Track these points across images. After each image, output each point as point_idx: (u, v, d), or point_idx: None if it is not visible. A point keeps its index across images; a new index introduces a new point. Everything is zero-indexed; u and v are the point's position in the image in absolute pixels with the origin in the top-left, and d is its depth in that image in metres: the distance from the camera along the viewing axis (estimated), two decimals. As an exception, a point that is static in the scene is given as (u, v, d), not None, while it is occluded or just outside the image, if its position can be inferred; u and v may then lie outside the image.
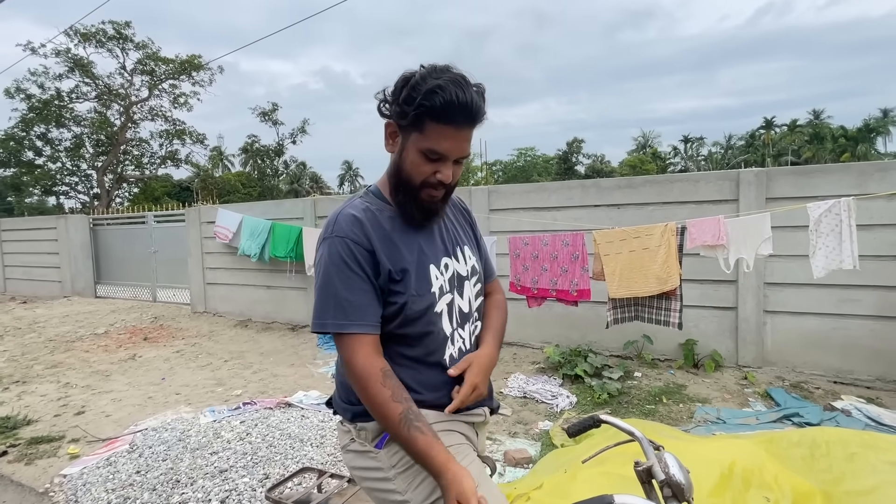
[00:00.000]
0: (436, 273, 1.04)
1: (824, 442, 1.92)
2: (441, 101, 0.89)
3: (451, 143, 0.94)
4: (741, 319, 3.88)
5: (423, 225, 1.06)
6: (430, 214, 1.04)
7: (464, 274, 1.10)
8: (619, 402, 3.37)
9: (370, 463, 1.02)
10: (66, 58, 18.18)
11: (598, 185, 4.44)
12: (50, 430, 3.22)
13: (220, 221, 6.43)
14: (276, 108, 28.91)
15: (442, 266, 1.06)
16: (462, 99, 0.90)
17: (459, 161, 0.99)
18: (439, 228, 1.11)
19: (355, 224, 0.98)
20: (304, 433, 2.90)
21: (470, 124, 0.95)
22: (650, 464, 0.84)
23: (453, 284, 1.07)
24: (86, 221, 9.32)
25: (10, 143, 18.72)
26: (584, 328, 4.40)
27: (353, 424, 1.05)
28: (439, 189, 0.99)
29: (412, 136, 0.96)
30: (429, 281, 1.02)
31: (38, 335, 6.13)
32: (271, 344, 5.38)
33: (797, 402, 3.20)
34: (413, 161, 0.97)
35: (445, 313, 1.04)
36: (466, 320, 1.10)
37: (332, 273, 0.96)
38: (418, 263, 1.02)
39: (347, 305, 0.95)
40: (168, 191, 29.21)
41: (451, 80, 0.91)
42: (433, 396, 1.03)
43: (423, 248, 1.04)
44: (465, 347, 1.09)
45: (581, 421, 1.03)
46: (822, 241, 2.80)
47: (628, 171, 36.52)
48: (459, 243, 1.13)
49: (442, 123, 0.92)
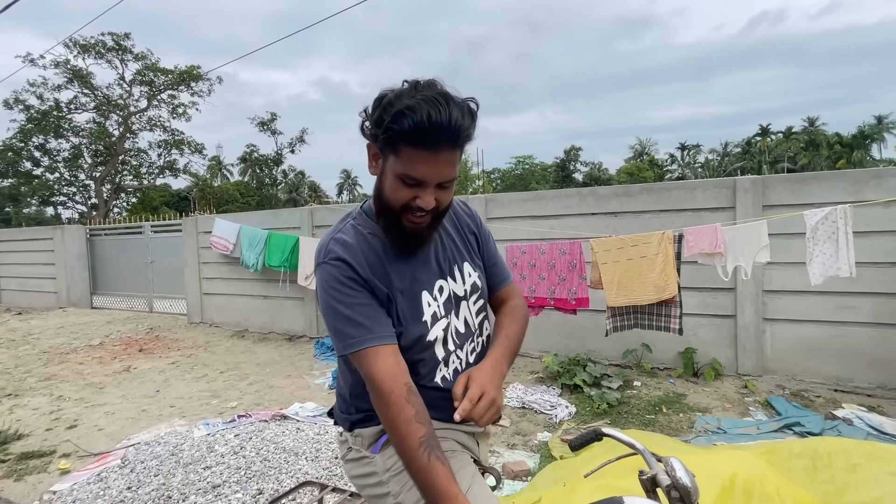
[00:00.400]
0: (428, 300, 1.01)
1: (826, 453, 1.89)
2: (410, 123, 0.82)
3: (427, 169, 0.86)
4: (740, 327, 3.86)
5: (410, 252, 1.01)
6: (415, 242, 0.98)
7: (461, 294, 1.06)
8: (618, 412, 3.33)
9: (366, 469, 1.02)
10: (66, 69, 18.26)
11: (595, 193, 4.45)
12: (41, 444, 3.17)
13: (216, 231, 6.41)
14: (274, 117, 29.04)
15: (436, 291, 1.02)
16: (436, 119, 0.81)
17: (444, 186, 0.91)
18: (435, 249, 1.06)
19: (348, 249, 0.96)
20: (299, 446, 2.85)
21: (449, 146, 0.86)
22: (654, 472, 0.84)
23: (449, 307, 1.04)
24: (82, 232, 9.29)
25: (8, 153, 18.73)
26: (583, 337, 4.38)
27: (351, 433, 1.05)
28: (421, 216, 0.92)
29: (389, 159, 0.90)
30: (420, 310, 0.99)
31: (32, 347, 6.06)
32: (268, 354, 5.33)
33: (798, 411, 3.17)
34: (391, 186, 0.91)
35: (440, 340, 1.02)
36: (466, 339, 1.07)
37: (329, 297, 0.94)
38: (410, 292, 0.99)
39: (353, 323, 0.92)
40: (166, 201, 29.22)
41: (426, 99, 0.82)
42: (434, 413, 1.01)
43: (416, 273, 1.01)
44: (460, 368, 1.05)
45: (583, 434, 1.02)
46: (819, 249, 2.80)
47: (626, 179, 36.72)
48: (457, 261, 1.08)
49: (416, 147, 0.85)
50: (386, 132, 0.85)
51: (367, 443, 1.02)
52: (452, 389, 0.94)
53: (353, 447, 1.04)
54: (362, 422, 1.03)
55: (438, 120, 0.82)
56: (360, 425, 1.04)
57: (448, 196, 0.94)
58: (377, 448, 1.01)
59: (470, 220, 1.16)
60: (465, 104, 0.87)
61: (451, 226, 1.11)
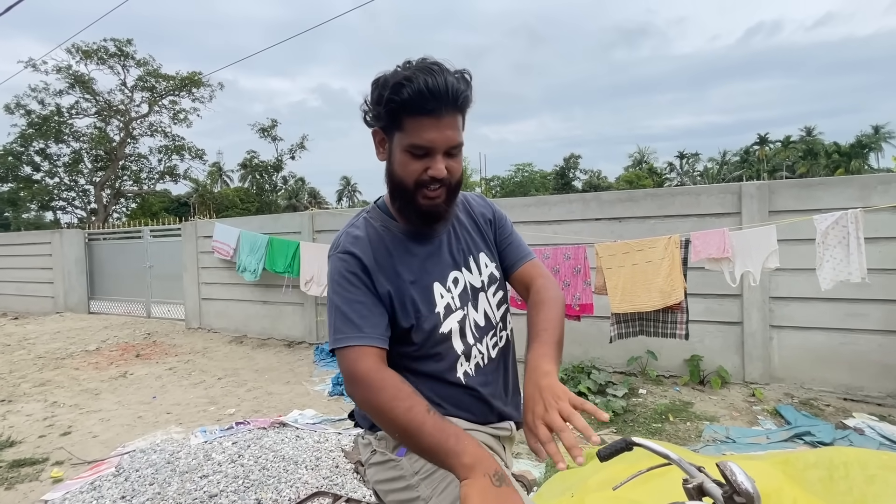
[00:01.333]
0: (440, 291, 0.99)
1: (842, 463, 1.84)
2: (410, 91, 0.84)
3: (433, 133, 0.87)
4: (747, 334, 3.81)
5: (427, 232, 1.00)
6: (432, 219, 0.96)
7: (478, 285, 1.04)
8: (624, 420, 3.27)
9: (392, 473, 0.97)
10: (67, 74, 18.32)
11: (598, 198, 4.41)
12: (34, 451, 3.09)
13: (217, 236, 6.36)
14: (275, 123, 29.16)
15: (450, 282, 1.00)
16: (433, 85, 0.84)
17: (452, 153, 0.91)
18: (448, 240, 1.04)
19: (357, 242, 0.96)
20: (298, 455, 2.78)
21: (450, 109, 0.87)
22: (699, 480, 0.78)
23: (466, 299, 1.01)
24: (81, 236, 9.23)
25: (8, 158, 18.73)
26: (587, 344, 4.32)
27: (374, 434, 1.02)
28: (436, 188, 0.91)
29: (395, 136, 0.91)
30: (432, 301, 0.97)
31: (28, 352, 5.98)
32: (266, 361, 5.26)
33: (808, 420, 3.11)
34: (401, 162, 0.91)
35: (456, 332, 0.99)
36: (486, 333, 1.04)
37: (332, 290, 0.95)
38: (420, 284, 0.97)
39: (346, 319, 0.92)
40: (166, 206, 29.20)
41: (420, 69, 0.86)
42: (456, 412, 0.99)
43: (427, 265, 0.99)
44: (483, 362, 1.02)
45: (612, 444, 0.96)
46: (830, 254, 2.75)
47: (625, 187, 36.81)
48: (473, 252, 1.06)
49: (419, 115, 0.86)
50: (387, 106, 0.87)
51: (392, 445, 0.99)
52: (536, 434, 0.77)
53: (378, 450, 1.00)
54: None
55: (436, 84, 0.84)
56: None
57: (458, 166, 0.94)
58: (403, 451, 0.97)
59: (485, 209, 1.14)
60: (459, 71, 0.90)
61: (465, 216, 1.09)
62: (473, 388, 1.00)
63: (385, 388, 0.85)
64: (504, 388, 1.08)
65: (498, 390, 1.06)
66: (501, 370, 1.07)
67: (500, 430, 1.05)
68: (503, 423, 1.06)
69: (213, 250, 6.39)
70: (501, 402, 1.05)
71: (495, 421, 1.04)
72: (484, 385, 1.02)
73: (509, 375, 1.10)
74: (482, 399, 1.01)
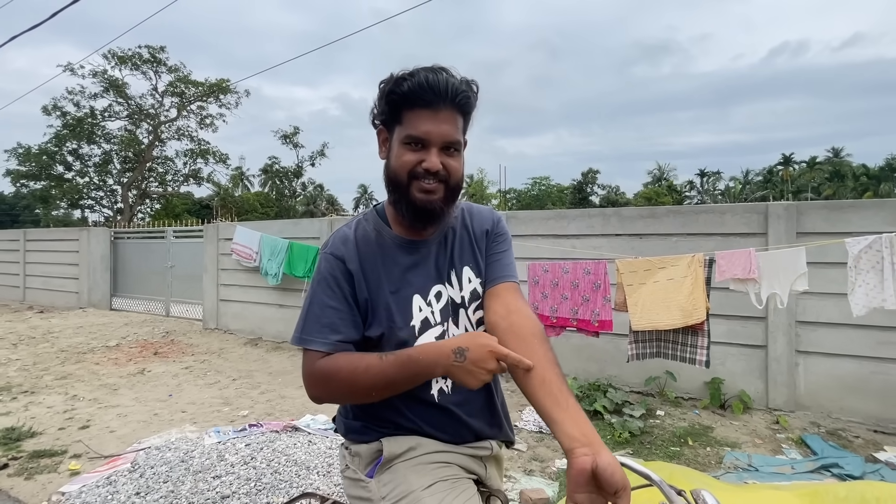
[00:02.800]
0: (420, 304, 0.97)
1: (874, 499, 1.75)
2: (410, 84, 0.88)
3: (429, 125, 0.89)
4: (771, 359, 3.69)
5: (419, 235, 1.00)
6: (426, 215, 0.93)
7: (458, 301, 1.00)
8: (641, 441, 3.18)
9: (361, 492, 0.96)
10: (103, 78, 19.04)
11: (619, 213, 4.36)
12: (53, 443, 3.15)
13: (238, 239, 6.48)
14: (297, 131, 29.73)
15: (432, 296, 0.98)
16: (433, 80, 0.88)
17: (449, 150, 0.92)
18: (437, 250, 1.01)
19: (345, 243, 0.98)
20: (310, 460, 2.78)
21: (449, 106, 0.90)
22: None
23: (447, 314, 0.99)
24: (107, 234, 9.50)
25: (42, 157, 19.46)
26: (604, 361, 4.24)
27: (348, 450, 1.02)
28: (430, 182, 0.91)
29: (396, 130, 0.94)
30: (408, 314, 0.96)
31: (52, 345, 6.14)
32: (280, 364, 5.30)
33: (836, 451, 2.98)
34: (397, 154, 0.93)
35: None
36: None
37: (313, 285, 0.98)
38: (400, 294, 0.96)
39: (316, 320, 0.94)
40: (188, 208, 29.89)
41: (423, 67, 0.90)
42: (429, 430, 0.97)
43: (409, 276, 0.98)
44: None
45: None
46: (862, 279, 2.66)
47: (643, 203, 36.37)
48: (458, 265, 1.01)
49: (417, 108, 0.90)
50: (388, 98, 0.91)
51: (364, 463, 0.98)
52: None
53: (350, 466, 1.00)
54: (356, 432, 1.01)
55: (435, 80, 0.88)
56: (354, 436, 1.01)
57: (456, 165, 0.93)
58: (372, 472, 0.95)
59: (486, 221, 1.07)
60: (464, 77, 0.93)
61: (461, 227, 1.05)
62: (447, 406, 0.97)
63: (340, 369, 0.89)
64: (486, 407, 1.03)
65: (476, 409, 1.01)
66: (482, 389, 0.96)
67: (479, 448, 1.02)
68: (482, 443, 1.03)
69: (233, 253, 6.50)
70: (481, 422, 1.02)
71: (472, 440, 1.01)
72: (460, 404, 0.98)
73: (492, 394, 1.05)
74: (457, 419, 0.98)
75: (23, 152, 19.33)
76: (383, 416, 0.98)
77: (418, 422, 0.97)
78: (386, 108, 0.93)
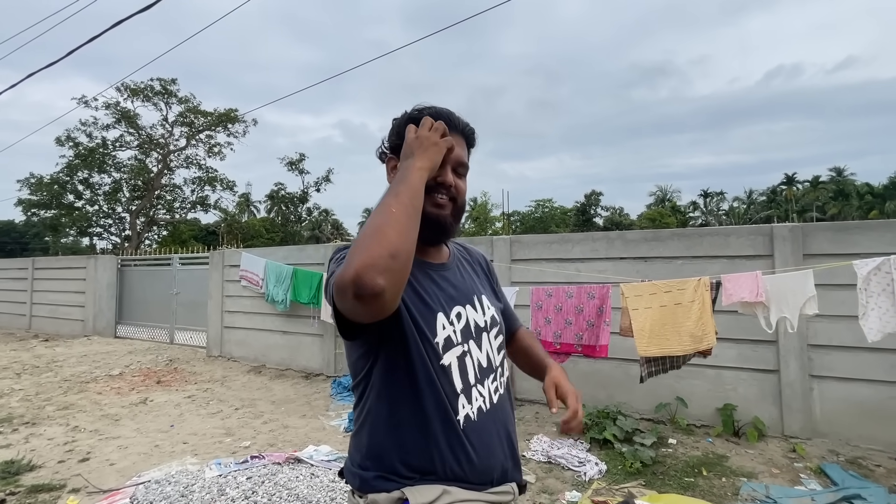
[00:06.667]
0: (443, 322, 0.96)
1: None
2: (429, 112, 0.99)
3: None
4: (784, 384, 3.60)
5: (434, 249, 1.04)
6: (439, 229, 0.99)
7: (482, 325, 1.02)
8: (653, 472, 3.08)
9: None
10: (115, 110, 19.59)
11: (623, 237, 4.36)
12: (52, 477, 3.09)
13: (244, 265, 6.51)
14: (303, 157, 30.28)
15: (453, 315, 0.98)
16: (445, 113, 1.01)
17: (459, 172, 1.01)
18: (454, 276, 1.05)
19: None
20: (312, 494, 2.70)
21: (458, 134, 1.01)
22: None
23: (468, 335, 0.99)
24: (114, 262, 9.58)
25: (54, 186, 19.86)
26: (612, 387, 4.15)
27: (363, 498, 0.93)
28: (443, 197, 0.98)
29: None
30: (433, 330, 0.94)
31: (55, 374, 6.11)
32: (284, 392, 5.23)
33: (857, 481, 2.87)
34: None
35: (455, 366, 0.95)
36: (487, 375, 1.00)
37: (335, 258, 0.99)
38: (425, 308, 0.95)
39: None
40: (195, 234, 30.21)
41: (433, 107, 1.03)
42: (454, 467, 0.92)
43: (435, 292, 0.98)
44: (485, 406, 0.97)
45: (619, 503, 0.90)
46: (874, 302, 2.62)
47: (648, 224, 36.37)
48: (477, 292, 1.07)
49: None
50: (408, 122, 0.98)
51: None
52: (545, 391, 1.01)
53: None
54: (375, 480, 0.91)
55: (447, 112, 1.01)
56: (371, 487, 0.92)
57: (463, 186, 1.02)
58: None
59: (481, 260, 1.21)
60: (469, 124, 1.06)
61: (465, 260, 1.14)
62: (471, 434, 0.94)
63: (356, 244, 0.77)
64: (506, 439, 1.01)
65: (499, 441, 0.99)
66: (502, 420, 1.01)
67: (502, 494, 0.99)
68: (504, 487, 0.99)
69: (242, 279, 6.52)
70: (503, 456, 0.99)
71: (495, 483, 0.97)
72: (484, 433, 0.96)
73: (510, 426, 1.04)
74: (483, 446, 0.95)
75: (35, 182, 19.75)
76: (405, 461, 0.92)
77: (445, 452, 0.91)
78: (402, 134, 0.97)
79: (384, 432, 0.94)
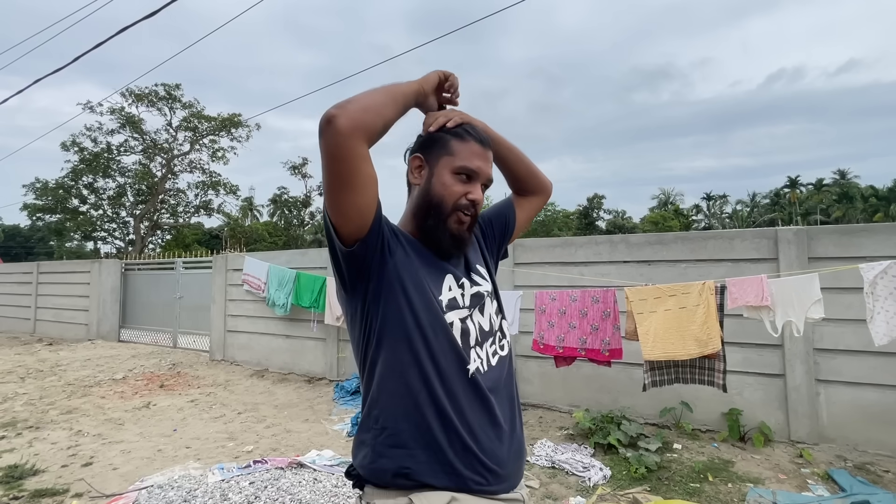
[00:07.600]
0: (450, 283, 1.00)
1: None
2: (466, 127, 1.03)
3: (480, 162, 1.01)
4: (790, 388, 3.57)
5: (447, 254, 1.04)
6: (459, 242, 1.02)
7: (483, 293, 1.07)
8: (658, 477, 3.05)
9: None
10: (120, 115, 19.73)
11: (626, 240, 4.34)
12: (55, 481, 3.09)
13: (247, 269, 6.52)
14: (306, 161, 30.38)
15: (458, 282, 1.03)
16: (479, 124, 1.09)
17: (486, 185, 1.04)
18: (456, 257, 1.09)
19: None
20: (315, 500, 2.69)
21: (488, 148, 1.05)
22: None
23: (473, 302, 1.03)
24: (118, 266, 9.61)
25: (59, 191, 19.98)
26: (616, 392, 4.13)
27: (362, 491, 0.96)
28: (469, 212, 1.00)
29: (442, 159, 1.01)
30: (438, 287, 0.98)
31: (59, 378, 6.13)
32: (287, 396, 5.22)
33: (865, 487, 2.84)
34: (445, 183, 1.00)
35: (457, 327, 0.97)
36: (486, 339, 1.02)
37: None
38: (431, 271, 0.99)
39: None
40: (198, 238, 30.30)
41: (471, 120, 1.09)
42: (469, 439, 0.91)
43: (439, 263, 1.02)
44: (482, 367, 0.98)
45: None
46: (881, 305, 2.59)
47: (651, 228, 36.28)
48: (473, 266, 1.11)
49: (471, 141, 1.02)
50: (442, 129, 1.02)
51: None
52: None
53: None
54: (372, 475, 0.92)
55: (482, 126, 1.09)
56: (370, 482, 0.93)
57: (482, 201, 1.04)
58: None
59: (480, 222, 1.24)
60: None
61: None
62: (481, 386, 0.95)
63: (350, 101, 0.87)
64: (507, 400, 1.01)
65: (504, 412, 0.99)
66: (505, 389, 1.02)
67: (513, 501, 0.98)
68: (514, 494, 0.99)
69: (244, 283, 6.53)
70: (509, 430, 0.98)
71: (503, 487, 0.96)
72: (492, 391, 0.97)
73: (515, 402, 1.04)
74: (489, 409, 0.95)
75: (40, 187, 19.88)
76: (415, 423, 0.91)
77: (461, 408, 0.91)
78: (435, 136, 1.02)
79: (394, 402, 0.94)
